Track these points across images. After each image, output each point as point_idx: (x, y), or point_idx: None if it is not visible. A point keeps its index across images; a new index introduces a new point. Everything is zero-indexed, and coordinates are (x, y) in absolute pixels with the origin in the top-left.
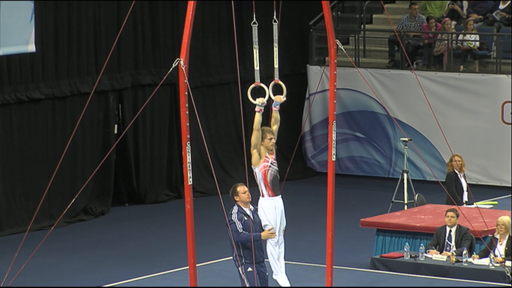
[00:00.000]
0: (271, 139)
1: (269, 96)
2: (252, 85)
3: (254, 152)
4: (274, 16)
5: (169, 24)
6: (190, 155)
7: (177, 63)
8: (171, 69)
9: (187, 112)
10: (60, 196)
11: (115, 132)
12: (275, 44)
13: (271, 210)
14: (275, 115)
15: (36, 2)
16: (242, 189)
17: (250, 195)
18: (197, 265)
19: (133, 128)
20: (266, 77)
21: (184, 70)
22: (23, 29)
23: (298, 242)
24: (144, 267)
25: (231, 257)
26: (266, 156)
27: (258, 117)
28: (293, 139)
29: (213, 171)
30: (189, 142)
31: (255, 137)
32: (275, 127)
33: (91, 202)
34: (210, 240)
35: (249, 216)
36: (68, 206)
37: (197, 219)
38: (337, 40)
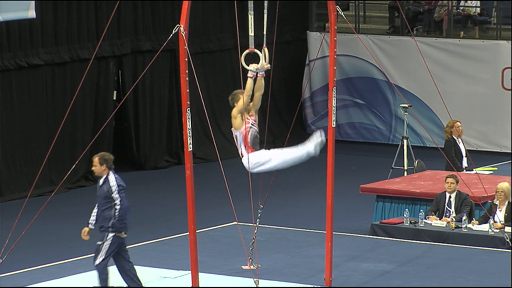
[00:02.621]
0: (247, 102)
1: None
2: (246, 51)
3: (238, 116)
4: None
5: None
6: (190, 122)
7: (177, 29)
8: (171, 35)
9: (187, 78)
10: (60, 162)
11: (115, 98)
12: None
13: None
14: (260, 81)
15: None
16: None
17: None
18: (197, 231)
19: (133, 95)
20: (267, 42)
21: (184, 36)
22: None
23: (298, 208)
24: (145, 233)
25: (232, 223)
26: (246, 118)
27: (249, 83)
28: (293, 105)
29: (213, 137)
30: (189, 108)
31: (243, 101)
32: (258, 93)
33: (91, 169)
34: (210, 206)
35: None
36: (68, 173)
37: (197, 185)
38: (337, 6)
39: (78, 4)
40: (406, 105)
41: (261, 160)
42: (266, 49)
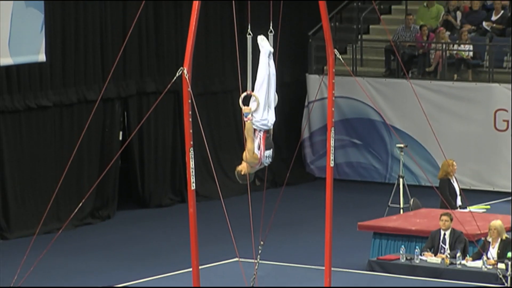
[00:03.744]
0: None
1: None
2: (244, 93)
3: (252, 157)
4: (271, 27)
5: (173, 33)
6: (193, 161)
7: (180, 72)
8: (175, 77)
9: (190, 119)
10: (67, 200)
11: (120, 138)
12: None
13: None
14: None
15: (45, 12)
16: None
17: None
18: (200, 266)
19: (138, 135)
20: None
21: (187, 78)
22: (34, 39)
23: (298, 244)
24: (149, 268)
25: (233, 259)
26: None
27: (248, 125)
28: (293, 145)
29: (215, 176)
30: (192, 148)
31: (251, 143)
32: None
33: (97, 206)
34: (213, 242)
35: None
36: (76, 210)
37: (200, 222)
38: (335, 50)
39: (85, 46)
40: (402, 145)
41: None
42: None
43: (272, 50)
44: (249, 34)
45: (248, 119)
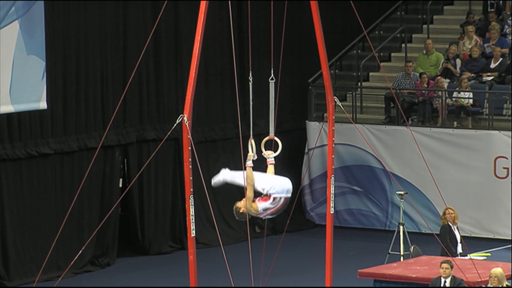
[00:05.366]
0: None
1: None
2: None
3: (255, 203)
4: (272, 74)
5: (173, 81)
6: (193, 208)
7: (180, 119)
8: (175, 125)
9: (190, 166)
10: (67, 247)
11: (120, 185)
12: (271, 102)
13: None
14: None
15: (46, 60)
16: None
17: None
18: None
19: (138, 182)
20: (268, 132)
21: (187, 125)
22: (35, 87)
23: None
24: None
25: None
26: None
27: (249, 173)
28: (293, 192)
29: (215, 223)
30: (192, 195)
31: (250, 192)
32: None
33: (97, 254)
34: None
35: None
36: (75, 258)
37: (200, 270)
38: (335, 97)
39: (86, 94)
40: (402, 193)
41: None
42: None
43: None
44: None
45: (248, 166)
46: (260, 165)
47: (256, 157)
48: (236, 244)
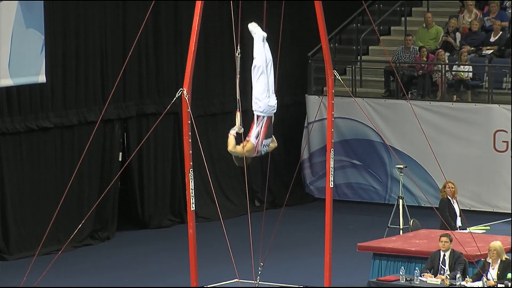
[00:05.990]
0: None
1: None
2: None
3: (248, 147)
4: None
5: (173, 55)
6: (193, 182)
7: (180, 92)
8: (175, 98)
9: (190, 140)
10: (67, 221)
11: (120, 159)
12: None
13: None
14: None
15: (46, 34)
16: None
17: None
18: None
19: (137, 156)
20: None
21: (187, 99)
22: (34, 60)
23: (297, 265)
24: None
25: (233, 280)
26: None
27: (231, 140)
28: (292, 166)
29: (215, 197)
30: (191, 169)
31: (236, 151)
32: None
33: (97, 227)
34: (212, 263)
35: None
36: (75, 232)
37: (199, 244)
38: (335, 71)
39: (85, 68)
40: (402, 166)
41: (256, 95)
42: (238, 113)
43: (265, 34)
44: (239, 54)
45: (230, 134)
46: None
47: (242, 130)
48: (235, 218)
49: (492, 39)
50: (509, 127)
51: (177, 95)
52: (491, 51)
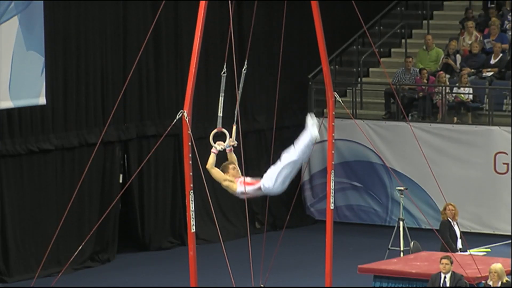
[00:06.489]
0: (234, 168)
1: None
2: (214, 130)
3: (226, 184)
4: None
5: (173, 76)
6: (193, 204)
7: (180, 114)
8: (175, 120)
9: (190, 162)
10: (67, 243)
11: (121, 181)
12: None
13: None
14: (231, 155)
15: (46, 56)
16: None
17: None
18: None
19: (138, 178)
20: (268, 128)
21: (187, 121)
22: (34, 82)
23: (298, 287)
24: None
25: None
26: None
27: (211, 157)
28: (292, 188)
29: (215, 219)
30: (192, 191)
31: (214, 175)
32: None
33: (97, 249)
34: (213, 285)
35: None
36: (75, 253)
37: (200, 265)
38: (335, 93)
39: (86, 89)
40: (402, 188)
41: (274, 176)
42: (234, 127)
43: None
44: (224, 73)
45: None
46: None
47: (235, 143)
48: (236, 240)
49: (493, 61)
50: (510, 149)
51: (177, 117)
52: (492, 73)
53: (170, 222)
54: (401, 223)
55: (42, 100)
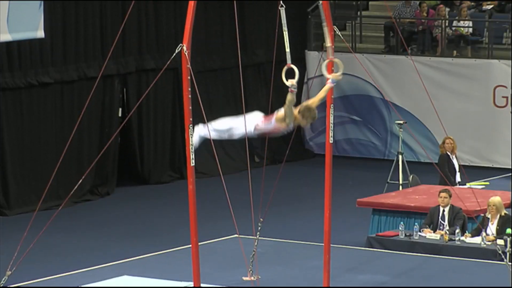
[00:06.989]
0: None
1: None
2: (285, 67)
3: (288, 122)
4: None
5: (172, 10)
6: (192, 137)
7: (180, 48)
8: (174, 54)
9: (189, 96)
10: (67, 177)
11: (120, 115)
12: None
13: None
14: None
15: None
16: None
17: None
18: (199, 243)
19: (137, 112)
20: (267, 61)
21: (187, 55)
22: (32, 15)
23: (296, 221)
24: (148, 245)
25: (233, 235)
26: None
27: (290, 96)
28: None
29: (214, 153)
30: (191, 125)
31: (287, 113)
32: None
33: (96, 183)
34: (212, 219)
35: None
36: (75, 187)
37: (199, 199)
38: (335, 26)
39: (85, 23)
40: (401, 122)
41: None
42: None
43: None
44: (282, 6)
45: (292, 91)
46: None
47: (296, 87)
48: (235, 173)
49: None
50: (509, 82)
51: (176, 51)
52: (491, 6)
53: (170, 156)
54: (400, 156)
55: (41, 33)
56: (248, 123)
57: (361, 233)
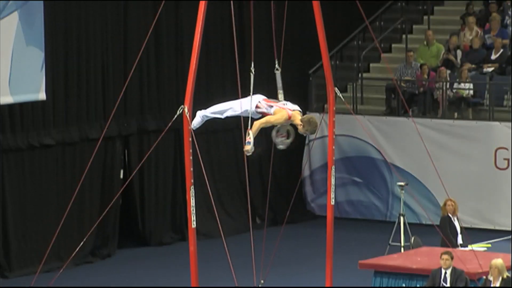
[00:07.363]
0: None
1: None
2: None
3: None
4: (276, 65)
5: (174, 71)
6: (194, 199)
7: (181, 110)
8: (176, 115)
9: (191, 157)
10: (68, 238)
11: (121, 176)
12: (280, 91)
13: None
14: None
15: (47, 50)
16: None
17: None
18: None
19: (138, 173)
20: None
21: (188, 116)
22: (34, 77)
23: (298, 283)
24: None
25: None
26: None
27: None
28: (293, 183)
29: (216, 214)
30: (193, 186)
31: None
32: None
33: (98, 244)
34: (214, 280)
35: None
36: (77, 249)
37: (200, 261)
38: (336, 88)
39: (87, 84)
40: (403, 183)
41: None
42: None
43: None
44: (251, 72)
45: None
46: None
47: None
48: (236, 235)
49: (493, 57)
50: (510, 144)
51: (178, 112)
52: (492, 68)
53: (171, 217)
54: (401, 218)
55: (42, 96)
56: (248, 103)
57: None
